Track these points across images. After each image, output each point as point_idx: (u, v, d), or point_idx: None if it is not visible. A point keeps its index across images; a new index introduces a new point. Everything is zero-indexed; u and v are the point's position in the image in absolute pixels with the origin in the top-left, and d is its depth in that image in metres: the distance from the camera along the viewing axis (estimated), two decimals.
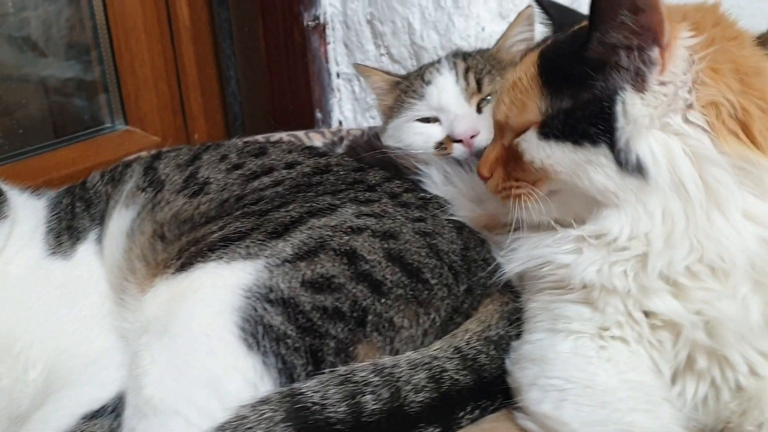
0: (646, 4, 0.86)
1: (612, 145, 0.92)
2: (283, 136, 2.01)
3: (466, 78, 1.53)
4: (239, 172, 1.34)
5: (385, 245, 1.13)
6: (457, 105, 1.51)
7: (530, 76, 1.00)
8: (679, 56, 0.91)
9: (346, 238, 1.13)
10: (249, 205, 1.23)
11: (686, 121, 0.91)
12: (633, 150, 0.91)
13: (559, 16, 1.17)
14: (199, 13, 2.25)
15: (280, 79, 2.29)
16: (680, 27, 0.92)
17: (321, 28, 2.29)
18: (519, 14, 1.62)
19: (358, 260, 1.10)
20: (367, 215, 1.18)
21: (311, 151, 1.47)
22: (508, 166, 1.06)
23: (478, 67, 1.55)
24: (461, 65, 1.56)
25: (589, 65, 0.93)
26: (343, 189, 1.27)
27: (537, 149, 0.98)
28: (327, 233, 1.13)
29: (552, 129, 0.96)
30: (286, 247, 1.11)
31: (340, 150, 1.67)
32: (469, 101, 1.52)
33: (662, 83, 0.91)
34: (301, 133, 2.03)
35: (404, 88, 1.61)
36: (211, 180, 1.33)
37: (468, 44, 2.03)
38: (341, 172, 1.35)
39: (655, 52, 0.90)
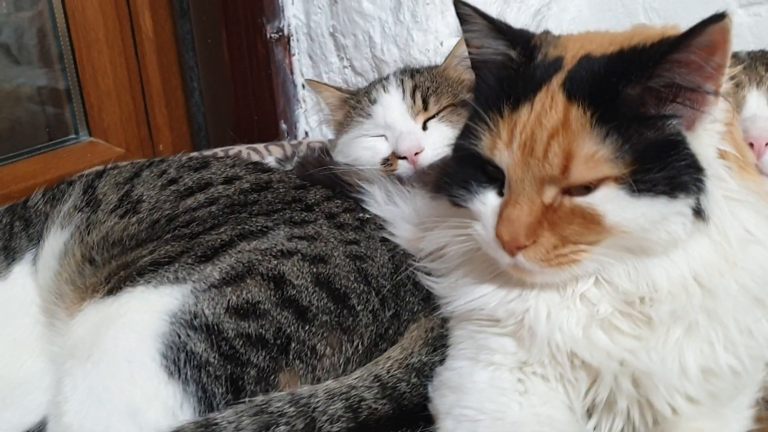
0: (718, 42, 0.81)
1: (698, 193, 0.86)
2: (242, 149, 2.01)
3: (413, 96, 1.53)
4: (174, 187, 1.33)
5: (314, 269, 1.13)
6: (402, 123, 1.50)
7: (578, 120, 0.86)
8: (725, 90, 0.88)
9: (275, 262, 1.12)
10: (180, 227, 1.22)
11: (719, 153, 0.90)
12: (706, 195, 0.87)
13: (509, 30, 1.03)
14: (163, 24, 2.25)
15: (245, 91, 2.28)
16: None
17: (285, 40, 2.29)
18: None
19: (285, 285, 1.10)
20: (300, 238, 1.18)
21: (255, 166, 1.46)
22: (562, 229, 0.88)
23: (425, 85, 1.54)
24: (409, 83, 1.55)
25: (650, 107, 0.86)
26: (279, 209, 1.27)
27: (627, 209, 0.85)
28: (256, 257, 1.13)
29: (645, 183, 0.84)
30: (214, 271, 1.11)
31: (289, 166, 1.66)
32: (414, 119, 1.52)
33: (714, 121, 0.89)
34: (260, 146, 2.02)
35: (353, 105, 1.61)
36: (145, 198, 1.32)
37: (427, 58, 2.02)
38: (281, 190, 1.34)
39: (711, 89, 0.86)
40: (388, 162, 1.49)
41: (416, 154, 1.46)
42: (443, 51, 2.01)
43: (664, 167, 0.85)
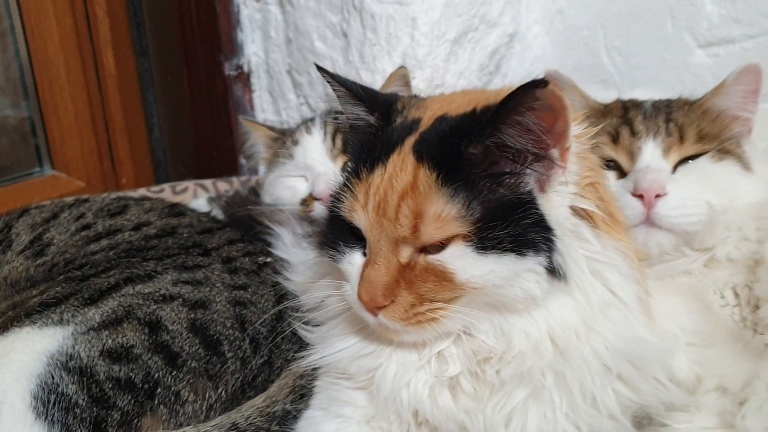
0: (551, 107, 0.82)
1: (549, 251, 0.87)
2: (190, 184, 2.04)
3: (333, 139, 1.55)
4: (85, 233, 1.36)
5: (192, 315, 1.14)
6: (320, 164, 1.52)
7: (426, 181, 0.87)
8: (573, 151, 0.89)
9: (154, 307, 1.14)
10: (74, 269, 1.24)
11: (573, 213, 0.91)
12: (559, 255, 0.88)
13: (368, 96, 1.04)
14: (126, 62, 2.30)
15: (204, 127, 2.32)
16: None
17: (245, 77, 2.32)
18: (391, 74, 1.63)
19: (160, 330, 1.11)
20: (186, 283, 1.20)
21: (171, 210, 1.48)
22: (418, 287, 0.89)
23: (346, 128, 1.56)
24: (331, 126, 1.57)
25: (495, 166, 0.87)
26: (175, 253, 1.28)
27: (475, 266, 0.85)
28: (137, 301, 1.14)
29: (492, 241, 0.85)
30: (96, 314, 1.13)
31: (213, 208, 1.68)
32: (334, 161, 1.53)
33: (563, 183, 0.90)
34: (208, 182, 2.05)
35: (280, 145, 1.63)
36: (55, 242, 1.35)
37: None
38: (185, 235, 1.36)
39: (556, 154, 0.87)
40: (306, 203, 1.51)
41: (331, 196, 1.46)
42: (412, 87, 2.03)
43: (509, 225, 0.86)
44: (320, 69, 1.06)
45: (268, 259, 1.32)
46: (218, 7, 2.19)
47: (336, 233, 0.98)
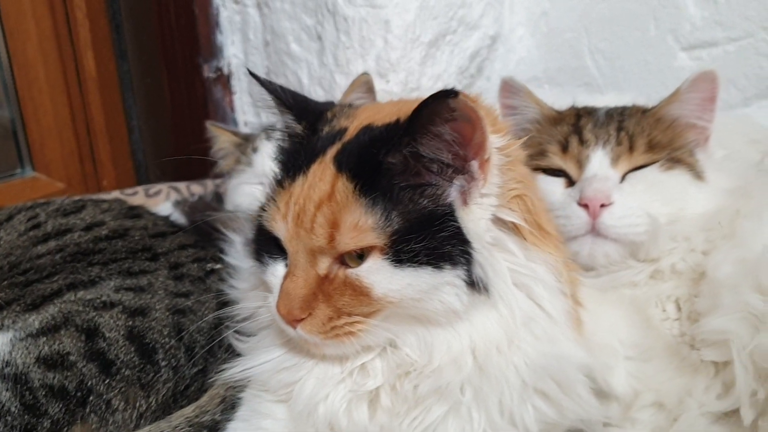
0: (466, 117, 0.81)
1: (468, 264, 0.85)
2: (163, 187, 2.04)
3: None
4: (33, 233, 1.36)
5: (130, 323, 1.13)
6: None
7: (343, 191, 0.85)
8: (494, 163, 0.88)
9: (94, 314, 1.13)
10: (18, 274, 1.24)
11: (499, 226, 0.90)
12: (479, 268, 0.86)
13: (297, 104, 1.04)
14: (107, 64, 2.31)
15: (184, 129, 2.32)
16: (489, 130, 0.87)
17: (225, 79, 2.32)
18: (354, 81, 1.62)
19: (97, 338, 1.11)
20: (128, 289, 1.19)
21: (129, 211, 1.48)
22: (336, 300, 0.87)
23: None
24: None
25: (413, 178, 0.86)
26: (122, 258, 1.28)
27: (392, 280, 0.84)
28: (77, 308, 1.14)
29: (407, 254, 0.83)
30: (35, 320, 1.13)
31: (173, 213, 1.68)
32: None
33: (485, 195, 0.88)
34: (182, 185, 2.05)
35: (242, 151, 1.62)
36: (1, 243, 1.34)
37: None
38: (136, 237, 1.36)
39: (475, 167, 0.86)
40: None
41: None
42: (376, 93, 2.02)
43: (425, 238, 0.84)
44: (252, 74, 1.05)
45: (217, 266, 1.31)
46: (196, 10, 2.19)
47: (261, 244, 0.97)
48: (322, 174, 0.89)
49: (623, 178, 1.21)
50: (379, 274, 0.85)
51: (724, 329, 1.02)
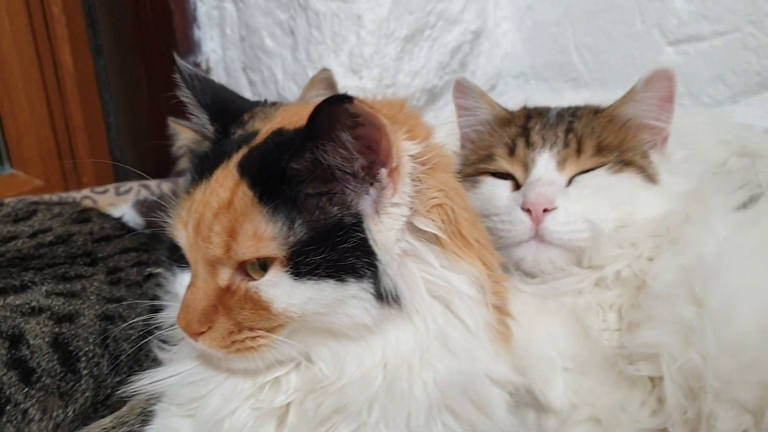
0: (375, 126, 0.77)
1: (374, 276, 0.81)
2: (134, 185, 2.02)
3: None
4: None
5: (57, 329, 1.11)
6: None
7: (243, 198, 0.81)
8: (405, 168, 0.82)
9: (20, 320, 1.11)
10: None
11: (416, 235, 0.85)
12: (389, 280, 0.82)
13: (216, 103, 0.99)
14: (84, 60, 2.29)
15: (162, 126, 2.29)
16: (401, 137, 0.83)
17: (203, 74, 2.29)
18: (313, 78, 1.57)
19: (20, 344, 1.08)
20: (59, 294, 1.17)
21: (79, 215, 1.46)
22: (236, 314, 0.83)
23: None
24: None
25: (317, 186, 0.81)
26: (60, 263, 1.25)
27: (292, 294, 0.80)
28: (4, 313, 1.12)
29: (308, 266, 0.79)
30: None
31: (124, 214, 1.64)
32: None
33: (395, 204, 0.82)
34: (153, 183, 2.03)
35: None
36: None
37: None
38: (79, 242, 1.33)
39: (383, 175, 0.81)
40: None
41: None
42: (338, 90, 1.98)
43: (326, 249, 0.79)
44: (177, 65, 0.97)
45: (158, 270, 1.28)
46: (172, 4, 2.16)
47: (172, 252, 0.93)
48: (224, 180, 0.84)
49: (570, 181, 1.16)
50: (278, 288, 0.80)
51: (655, 342, 0.96)
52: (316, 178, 0.81)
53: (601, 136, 1.17)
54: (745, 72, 1.92)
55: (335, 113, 0.76)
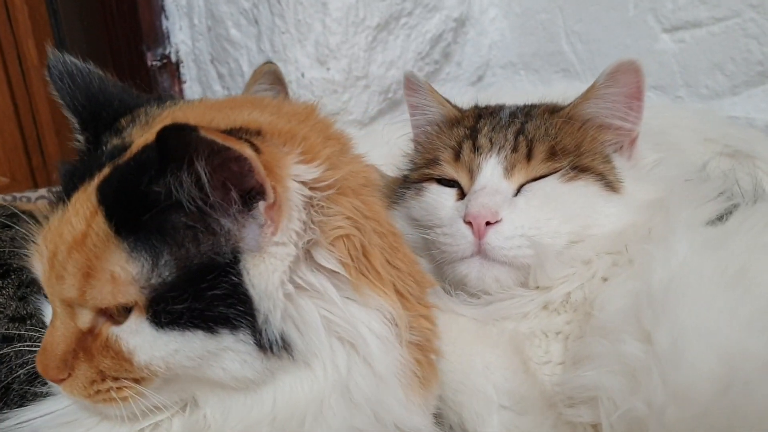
0: (230, 157, 0.64)
1: (253, 326, 0.69)
2: None
3: None
4: None
5: None
6: None
7: (98, 231, 0.68)
8: (293, 201, 0.69)
9: None
10: None
11: (314, 268, 0.73)
12: (274, 327, 0.70)
13: (90, 101, 0.85)
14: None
15: None
16: (288, 163, 0.69)
17: (173, 67, 2.19)
18: (255, 71, 1.45)
19: None
20: None
21: (7, 219, 1.35)
22: (98, 362, 0.72)
23: None
24: None
25: (183, 216, 0.68)
26: None
27: (155, 345, 0.69)
28: None
29: (170, 314, 0.68)
30: None
31: None
32: None
33: (279, 243, 0.69)
34: None
35: None
36: None
37: (291, 91, 1.87)
38: (6, 250, 1.23)
39: (260, 210, 0.68)
40: None
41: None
42: (305, 83, 1.86)
43: (190, 296, 0.67)
44: (57, 57, 0.84)
45: None
46: None
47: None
48: (81, 207, 0.70)
49: (519, 190, 1.03)
50: (139, 337, 0.69)
51: (595, 385, 0.83)
52: (180, 208, 0.67)
53: (556, 139, 1.03)
54: (746, 61, 1.77)
55: (182, 143, 0.62)
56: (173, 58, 2.18)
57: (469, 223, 0.99)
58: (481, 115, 1.13)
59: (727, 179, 1.07)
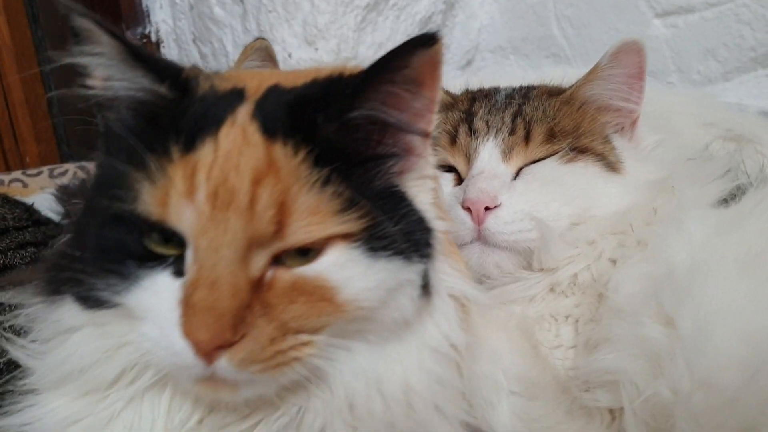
0: (427, 71, 0.66)
1: (429, 258, 0.70)
2: (70, 167, 1.85)
3: None
4: None
5: None
6: None
7: (286, 161, 0.63)
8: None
9: None
10: None
11: None
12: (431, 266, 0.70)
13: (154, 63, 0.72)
14: (23, 30, 2.11)
15: None
16: None
17: (153, 47, 2.12)
18: (247, 46, 1.39)
19: None
20: None
21: None
22: (280, 312, 0.63)
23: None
24: None
25: (364, 144, 0.68)
26: None
27: (366, 276, 0.64)
28: None
29: (381, 241, 0.65)
30: None
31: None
32: None
33: (424, 177, 0.73)
34: (91, 165, 1.86)
35: None
36: None
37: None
38: None
39: (420, 130, 0.70)
40: None
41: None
42: (292, 63, 1.81)
43: (399, 220, 0.67)
44: (80, 12, 0.70)
45: None
46: None
47: (108, 252, 0.67)
48: (244, 138, 0.64)
49: (518, 174, 1.00)
50: (348, 270, 0.64)
51: (616, 368, 0.80)
52: (361, 137, 0.67)
53: (555, 120, 1.00)
54: (739, 47, 1.76)
55: (427, 58, 0.64)
56: (153, 38, 2.12)
57: (468, 209, 0.96)
58: (476, 98, 1.10)
59: (733, 159, 1.04)
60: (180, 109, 0.67)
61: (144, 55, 0.69)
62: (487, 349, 0.88)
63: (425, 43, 0.63)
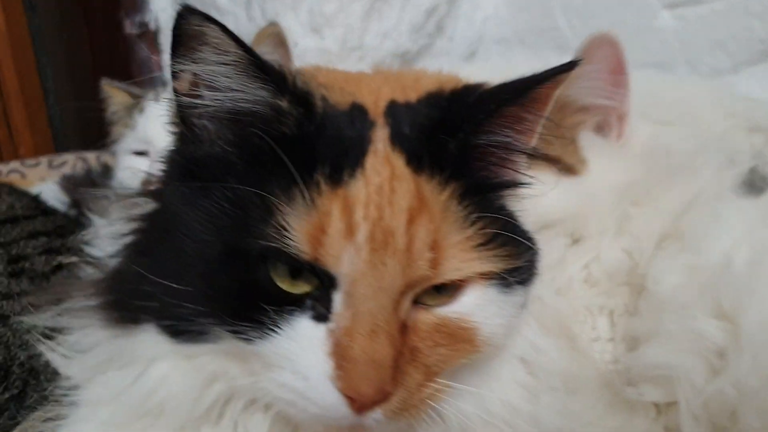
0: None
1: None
2: (70, 158, 1.81)
3: None
4: None
5: None
6: (162, 137, 1.26)
7: (434, 196, 0.60)
8: None
9: None
10: None
11: None
12: None
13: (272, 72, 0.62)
14: (18, 18, 2.05)
15: None
16: None
17: (152, 36, 2.07)
18: (259, 33, 1.37)
19: None
20: None
21: None
22: (425, 357, 0.61)
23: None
24: None
25: (493, 170, 0.67)
26: None
27: (501, 312, 0.64)
28: None
29: (515, 274, 0.65)
30: None
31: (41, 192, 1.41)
32: None
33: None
34: (91, 155, 1.82)
35: (131, 113, 1.37)
36: None
37: None
38: None
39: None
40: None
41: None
42: (298, 52, 1.77)
43: (525, 249, 0.66)
44: (196, 13, 0.64)
45: (73, 259, 1.07)
46: None
47: (240, 290, 0.60)
48: (392, 170, 0.60)
49: None
50: (487, 309, 0.63)
51: (668, 364, 0.78)
52: (491, 162, 0.66)
53: None
54: (748, 39, 1.75)
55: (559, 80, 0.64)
56: (152, 26, 2.07)
57: None
58: None
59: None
60: (307, 130, 0.62)
61: (267, 66, 0.62)
62: None
63: (568, 69, 0.63)
